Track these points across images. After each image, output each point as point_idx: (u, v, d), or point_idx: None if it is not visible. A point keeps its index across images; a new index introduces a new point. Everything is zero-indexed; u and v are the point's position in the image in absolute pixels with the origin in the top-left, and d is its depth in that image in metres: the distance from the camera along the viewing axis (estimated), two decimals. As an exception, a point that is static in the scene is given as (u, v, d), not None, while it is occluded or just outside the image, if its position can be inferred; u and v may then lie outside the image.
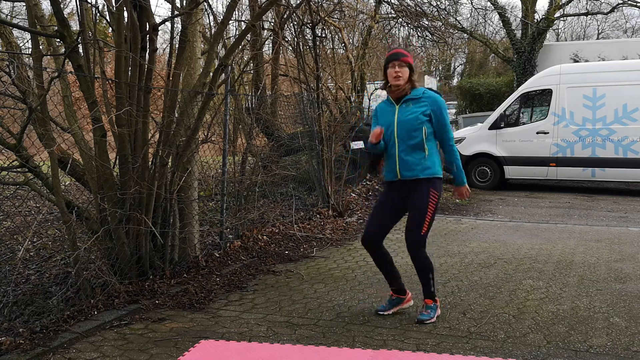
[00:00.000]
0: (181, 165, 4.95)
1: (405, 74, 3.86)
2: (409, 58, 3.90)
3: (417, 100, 3.89)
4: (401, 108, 3.90)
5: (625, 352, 3.43)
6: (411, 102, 3.90)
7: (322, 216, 7.75)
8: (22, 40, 13.68)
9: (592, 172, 10.96)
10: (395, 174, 3.91)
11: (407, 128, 3.84)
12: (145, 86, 4.58)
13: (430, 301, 3.98)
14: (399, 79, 3.85)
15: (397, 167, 3.88)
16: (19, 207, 5.54)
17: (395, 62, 3.85)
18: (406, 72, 3.87)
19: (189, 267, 5.10)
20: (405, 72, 3.86)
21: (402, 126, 3.86)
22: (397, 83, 3.86)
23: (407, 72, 3.87)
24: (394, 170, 3.91)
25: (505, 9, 22.25)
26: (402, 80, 3.86)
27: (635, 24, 40.63)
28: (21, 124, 4.28)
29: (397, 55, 3.88)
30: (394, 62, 3.85)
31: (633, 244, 6.54)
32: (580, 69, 11.85)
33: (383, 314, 4.05)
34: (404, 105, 3.90)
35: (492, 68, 36.49)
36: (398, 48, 4.07)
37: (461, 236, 6.97)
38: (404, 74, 3.86)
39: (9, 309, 3.82)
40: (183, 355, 3.37)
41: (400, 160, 3.87)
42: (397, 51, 3.94)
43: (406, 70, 3.86)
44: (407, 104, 3.90)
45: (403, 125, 3.86)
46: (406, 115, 3.86)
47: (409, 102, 3.90)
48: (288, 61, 10.98)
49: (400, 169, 3.87)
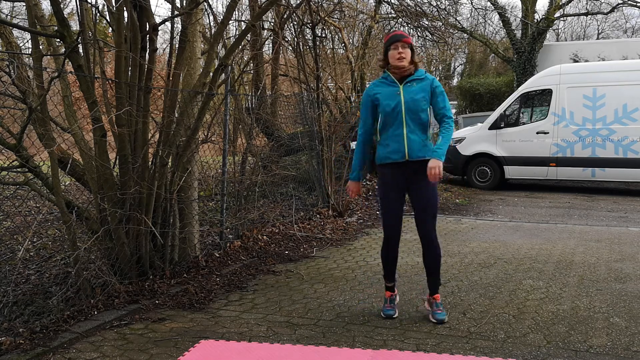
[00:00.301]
0: (181, 165, 4.95)
1: (408, 54, 3.86)
2: (409, 39, 3.92)
3: (421, 80, 3.89)
4: (406, 87, 3.87)
5: (625, 352, 3.43)
6: (415, 82, 3.88)
7: (322, 216, 7.75)
8: (22, 40, 13.68)
9: (592, 172, 10.96)
10: (403, 154, 3.83)
11: (416, 108, 3.83)
12: (145, 86, 4.58)
13: (439, 297, 4.01)
14: (403, 60, 3.84)
15: (406, 148, 3.82)
16: (19, 207, 5.54)
17: (398, 43, 3.85)
18: (409, 52, 3.87)
19: (189, 267, 5.10)
20: (408, 53, 3.87)
21: (410, 106, 3.83)
22: (401, 64, 3.85)
23: (410, 53, 3.87)
24: (401, 150, 3.83)
25: (505, 9, 22.26)
26: (405, 61, 3.85)
27: (635, 24, 40.62)
28: (21, 124, 4.28)
29: (399, 36, 3.89)
30: (396, 44, 3.86)
31: (633, 244, 6.54)
32: (580, 69, 11.85)
33: (396, 316, 4.03)
34: (409, 85, 3.87)
35: (492, 68, 36.46)
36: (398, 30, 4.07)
37: (461, 236, 6.97)
38: (407, 55, 3.86)
39: (9, 309, 3.82)
40: (183, 355, 3.37)
41: (409, 140, 3.82)
42: (399, 33, 3.96)
43: (409, 51, 3.87)
44: (412, 83, 3.87)
45: (412, 105, 3.83)
46: (413, 95, 3.84)
47: (413, 82, 3.88)
48: (288, 61, 10.98)
49: (409, 150, 3.82)
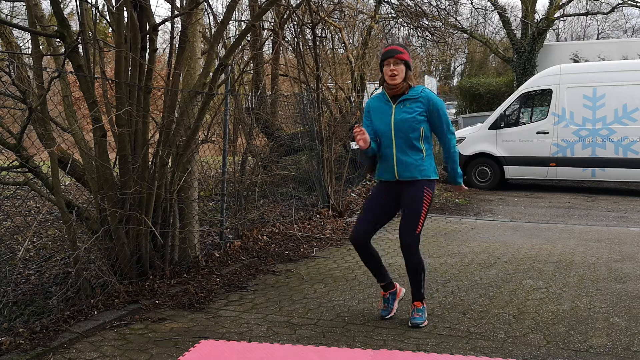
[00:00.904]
0: (181, 165, 4.95)
1: (402, 71, 3.73)
2: (404, 55, 3.74)
3: (415, 99, 3.77)
4: (398, 107, 3.79)
5: (625, 352, 3.43)
6: (408, 101, 3.78)
7: (322, 216, 7.75)
8: (22, 40, 13.67)
9: (592, 172, 10.96)
10: (393, 174, 3.82)
11: (405, 128, 3.74)
12: (145, 86, 4.58)
13: (420, 304, 3.91)
14: (395, 78, 3.72)
15: (395, 169, 3.80)
16: (19, 207, 5.54)
17: (391, 59, 3.72)
18: (402, 69, 3.73)
19: (189, 267, 5.10)
20: (401, 70, 3.72)
21: (399, 126, 3.75)
22: (393, 82, 3.74)
23: (404, 70, 3.74)
24: (391, 171, 3.82)
25: (505, 9, 22.28)
26: (398, 78, 3.73)
27: (635, 24, 40.64)
28: (21, 124, 4.27)
29: (392, 52, 3.74)
30: (389, 60, 3.73)
31: (633, 244, 6.54)
32: (580, 69, 11.86)
33: (390, 316, 4.00)
34: (401, 105, 3.78)
35: (492, 68, 36.49)
36: (394, 44, 3.92)
37: (461, 236, 6.97)
38: (400, 72, 3.72)
39: (9, 309, 3.82)
40: (183, 355, 3.37)
41: (399, 162, 3.78)
42: (393, 48, 3.79)
43: (402, 67, 3.72)
44: (404, 103, 3.78)
45: (400, 125, 3.75)
46: (404, 115, 3.75)
47: (406, 102, 3.78)
48: (288, 61, 10.98)
49: (399, 170, 3.79)
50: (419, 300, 3.92)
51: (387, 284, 4.08)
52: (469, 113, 21.74)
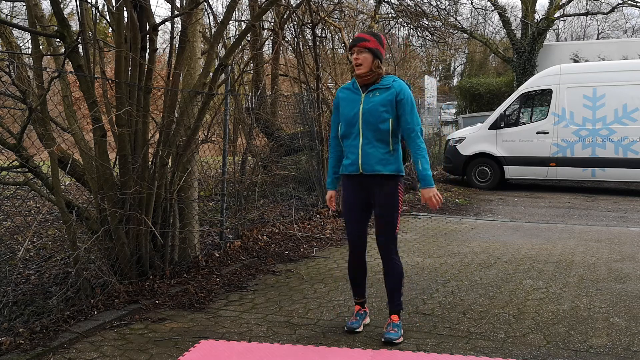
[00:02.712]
0: (181, 165, 4.95)
1: (367, 60, 3.52)
2: (370, 43, 3.54)
3: (386, 89, 3.57)
4: (367, 97, 3.58)
5: (625, 352, 3.43)
6: (378, 91, 3.57)
7: (322, 216, 7.75)
8: (22, 40, 13.67)
9: (592, 172, 10.97)
10: (357, 167, 3.59)
11: (374, 119, 3.53)
12: (145, 86, 4.58)
13: (397, 317, 3.68)
14: (360, 67, 3.54)
15: (360, 161, 3.57)
16: (19, 207, 5.54)
17: (355, 48, 3.55)
18: (368, 58, 3.52)
19: (189, 267, 5.10)
20: (367, 59, 3.52)
21: (367, 116, 3.54)
22: (358, 71, 3.56)
23: (370, 59, 3.52)
24: (355, 163, 3.59)
25: (505, 9, 22.29)
26: (363, 67, 3.54)
27: (635, 24, 40.64)
28: (21, 124, 4.27)
29: (356, 40, 3.58)
30: (353, 49, 3.56)
31: (633, 244, 6.54)
32: (580, 69, 11.87)
33: (359, 330, 3.75)
34: (371, 95, 3.58)
35: (492, 68, 36.50)
36: (361, 32, 3.73)
37: (461, 236, 6.97)
38: (365, 61, 3.52)
39: (9, 309, 3.82)
40: (183, 355, 3.37)
41: (364, 153, 3.56)
42: (358, 36, 3.62)
43: (367, 56, 3.52)
44: (374, 93, 3.57)
45: (369, 115, 3.54)
46: (372, 105, 3.54)
47: (375, 92, 3.57)
48: (288, 61, 10.97)
49: (363, 163, 3.56)
50: (397, 313, 3.69)
51: (364, 302, 3.91)
52: (469, 113, 21.74)
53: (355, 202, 3.70)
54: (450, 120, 22.98)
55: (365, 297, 3.93)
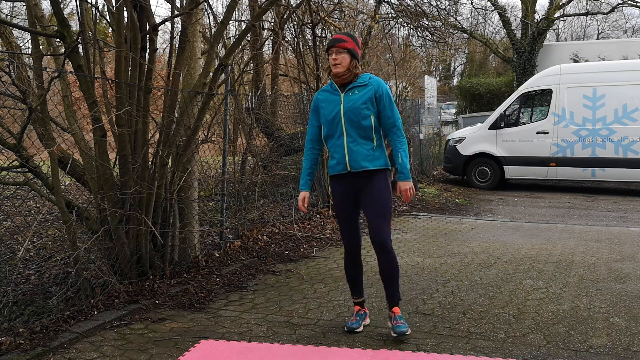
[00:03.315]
0: (181, 165, 4.95)
1: (345, 60, 3.60)
2: (348, 44, 3.61)
3: (364, 86, 3.64)
4: (347, 96, 3.64)
5: (625, 352, 3.43)
6: (357, 89, 3.64)
7: (322, 216, 7.75)
8: (22, 40, 13.66)
9: (592, 172, 10.97)
10: (344, 165, 3.64)
11: (356, 117, 3.59)
12: (145, 86, 4.58)
13: (398, 309, 3.72)
14: (338, 67, 3.60)
15: (347, 159, 3.62)
16: (19, 207, 5.54)
17: (333, 48, 3.61)
18: (346, 58, 3.60)
19: (189, 267, 5.10)
20: (345, 59, 3.60)
21: (349, 115, 3.60)
22: (336, 71, 3.62)
23: (347, 59, 3.60)
24: (342, 161, 3.65)
25: (505, 9, 22.29)
26: (340, 67, 3.60)
27: (635, 24, 40.65)
28: (21, 124, 4.27)
29: (334, 41, 3.64)
30: (331, 49, 3.62)
31: (633, 244, 6.54)
32: (580, 69, 11.87)
33: (359, 331, 3.75)
34: (350, 93, 3.64)
35: (492, 68, 36.51)
36: (339, 33, 3.78)
37: (461, 236, 6.97)
38: (343, 61, 3.59)
39: (9, 309, 3.82)
40: (183, 355, 3.37)
41: (350, 151, 3.62)
42: (336, 37, 3.69)
43: (346, 56, 3.60)
44: (353, 91, 3.64)
45: (350, 113, 3.60)
46: (353, 103, 3.61)
47: (354, 90, 3.64)
48: (288, 61, 10.97)
49: (350, 161, 3.62)
50: (397, 305, 3.73)
51: (363, 301, 3.92)
52: (469, 113, 21.74)
53: (346, 201, 3.74)
54: (450, 120, 22.98)
55: (363, 296, 3.94)
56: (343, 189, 3.74)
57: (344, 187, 3.73)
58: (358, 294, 3.91)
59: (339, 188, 3.77)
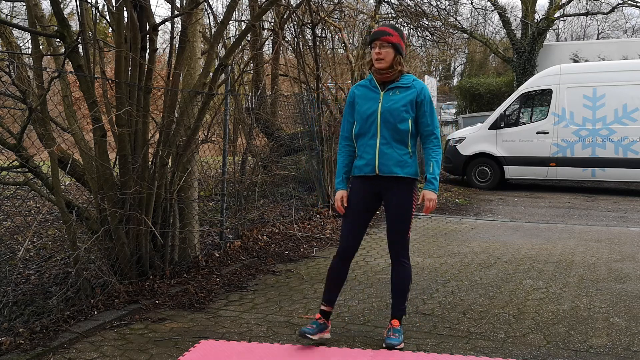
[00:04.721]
0: (181, 165, 4.95)
1: (389, 55, 3.39)
2: (394, 37, 3.39)
3: (407, 88, 3.44)
4: (386, 95, 3.44)
5: (625, 352, 3.43)
6: (399, 89, 3.44)
7: (322, 216, 7.75)
8: (22, 40, 13.67)
9: (592, 172, 10.97)
10: (373, 167, 3.44)
11: (393, 118, 3.39)
12: (145, 86, 4.58)
13: (398, 323, 3.56)
14: (381, 62, 3.40)
15: (377, 162, 3.42)
16: (19, 207, 5.54)
17: (377, 42, 3.39)
18: (390, 53, 3.39)
19: (189, 267, 5.10)
20: (389, 54, 3.39)
21: (386, 116, 3.40)
22: (379, 66, 3.41)
23: (392, 54, 3.40)
24: (372, 164, 3.44)
25: (505, 9, 22.27)
26: (384, 62, 3.40)
27: (635, 24, 40.67)
28: (21, 124, 4.28)
29: (379, 34, 3.42)
30: (375, 42, 3.40)
31: (633, 244, 6.54)
32: (580, 69, 11.87)
33: (311, 337, 3.44)
34: (390, 93, 3.44)
35: (492, 68, 36.50)
36: (384, 25, 3.53)
37: (461, 236, 6.97)
38: (387, 56, 3.39)
39: (9, 309, 3.82)
40: (183, 355, 3.37)
41: (381, 154, 3.41)
42: (381, 29, 3.46)
43: (390, 51, 3.39)
44: (394, 91, 3.44)
45: (388, 114, 3.40)
46: (392, 104, 3.40)
47: (396, 90, 3.44)
48: (288, 61, 10.97)
49: (380, 164, 3.42)
50: (398, 319, 3.57)
51: (329, 313, 3.63)
52: (469, 113, 21.74)
53: (362, 203, 3.54)
54: (450, 120, 22.99)
55: (330, 306, 3.61)
56: (364, 191, 3.53)
57: (365, 189, 3.53)
58: (329, 302, 3.60)
59: (360, 189, 3.54)
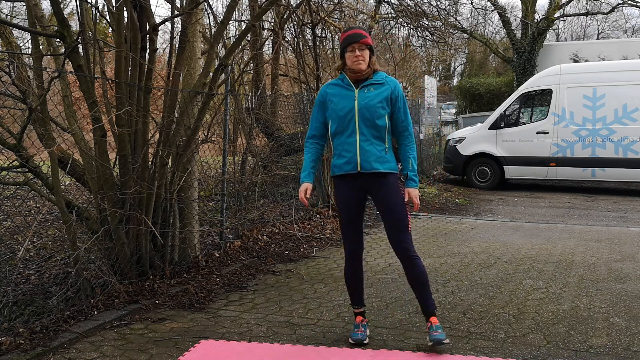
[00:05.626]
0: (181, 165, 4.95)
1: (367, 56, 3.48)
2: (369, 39, 3.50)
3: (380, 85, 3.50)
4: (361, 92, 3.47)
5: (625, 352, 3.43)
6: (373, 86, 3.49)
7: (322, 216, 7.75)
8: (22, 40, 13.67)
9: (592, 172, 10.97)
10: (355, 165, 3.45)
11: (371, 115, 3.43)
12: (145, 86, 4.58)
13: (436, 319, 3.50)
14: (362, 63, 3.45)
15: (358, 158, 3.44)
16: (19, 207, 5.54)
17: (355, 44, 3.45)
18: (367, 54, 3.48)
19: (189, 267, 5.10)
20: (366, 55, 3.48)
21: (364, 112, 3.43)
22: (359, 67, 3.46)
23: (368, 55, 3.49)
24: (353, 161, 3.45)
25: (505, 9, 22.30)
26: (364, 64, 3.46)
27: (635, 24, 40.67)
28: (21, 124, 4.28)
29: (356, 36, 3.47)
30: (353, 45, 3.45)
31: (633, 244, 6.54)
32: (580, 69, 11.87)
33: (366, 342, 3.53)
34: (365, 90, 3.48)
35: (492, 68, 36.50)
36: (355, 28, 3.62)
37: (461, 236, 6.97)
38: (366, 57, 3.47)
39: (9, 309, 3.83)
40: (183, 355, 3.37)
41: (362, 151, 3.44)
42: (356, 32, 3.51)
43: (367, 52, 3.48)
44: (369, 88, 3.48)
45: (365, 111, 3.43)
46: (369, 101, 3.45)
47: (370, 87, 3.49)
48: (288, 61, 10.98)
49: (362, 161, 3.44)
50: (434, 314, 3.52)
51: (364, 311, 3.72)
52: (469, 113, 21.74)
53: (352, 205, 3.55)
54: (450, 120, 22.98)
55: (365, 305, 3.75)
56: (350, 191, 3.54)
57: (350, 189, 3.54)
58: (359, 303, 3.70)
59: (345, 190, 3.55)
